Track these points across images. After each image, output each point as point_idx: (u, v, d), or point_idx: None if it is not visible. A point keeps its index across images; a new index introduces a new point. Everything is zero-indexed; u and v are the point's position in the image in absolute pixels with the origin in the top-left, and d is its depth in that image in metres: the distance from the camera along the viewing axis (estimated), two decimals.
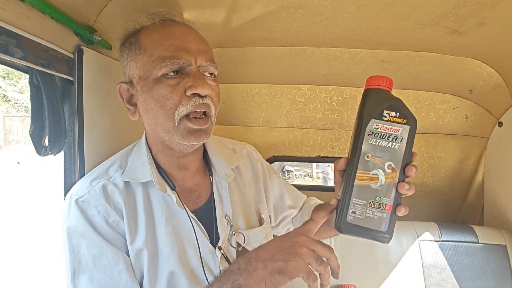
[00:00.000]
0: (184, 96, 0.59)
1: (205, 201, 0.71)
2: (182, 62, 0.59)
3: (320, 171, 7.27)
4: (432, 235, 1.08)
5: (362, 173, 0.51)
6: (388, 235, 0.50)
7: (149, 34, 0.62)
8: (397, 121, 0.51)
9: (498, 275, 1.03)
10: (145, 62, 0.61)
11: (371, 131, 0.51)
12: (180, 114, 0.60)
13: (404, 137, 0.51)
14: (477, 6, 0.73)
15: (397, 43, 0.97)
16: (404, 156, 0.51)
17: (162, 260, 0.62)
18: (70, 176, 0.73)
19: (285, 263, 0.50)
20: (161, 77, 0.60)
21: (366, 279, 1.06)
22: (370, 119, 0.51)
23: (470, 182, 1.37)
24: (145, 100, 0.62)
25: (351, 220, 0.51)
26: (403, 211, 0.50)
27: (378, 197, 0.50)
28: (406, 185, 0.50)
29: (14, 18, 0.53)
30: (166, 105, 0.59)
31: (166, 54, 0.59)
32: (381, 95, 0.53)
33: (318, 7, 0.78)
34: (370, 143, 0.51)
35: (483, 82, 1.11)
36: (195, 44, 0.62)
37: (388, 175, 0.50)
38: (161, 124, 0.61)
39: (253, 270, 0.51)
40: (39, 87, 0.65)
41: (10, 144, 10.36)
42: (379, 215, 0.50)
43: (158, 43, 0.60)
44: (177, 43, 0.60)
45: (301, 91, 1.33)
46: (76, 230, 0.59)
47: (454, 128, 1.31)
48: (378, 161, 0.51)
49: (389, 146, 0.51)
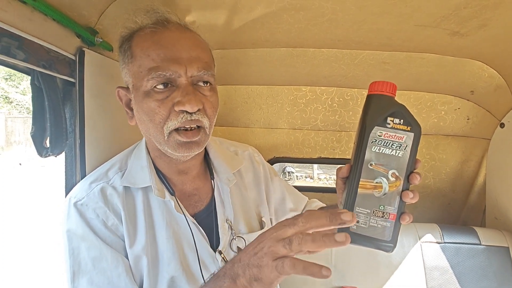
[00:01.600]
0: (172, 110, 0.57)
1: (206, 205, 0.71)
2: (169, 74, 0.56)
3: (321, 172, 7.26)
4: (434, 237, 1.07)
5: (366, 182, 0.49)
6: (392, 244, 0.49)
7: (139, 41, 0.59)
8: (401, 128, 0.49)
9: (500, 277, 1.02)
10: (135, 72, 0.59)
11: (375, 138, 0.50)
12: (169, 129, 0.58)
13: (408, 145, 0.49)
14: (479, 8, 0.73)
15: (398, 44, 0.96)
16: (408, 164, 0.49)
17: (163, 264, 0.62)
18: (71, 177, 0.73)
19: (258, 269, 0.45)
20: (150, 90, 0.57)
21: (367, 281, 1.06)
22: (373, 126, 0.50)
23: (471, 184, 1.36)
24: (137, 110, 0.61)
25: (355, 229, 0.49)
26: (407, 219, 0.49)
27: (381, 206, 0.49)
28: (410, 193, 0.49)
29: (16, 20, 0.54)
30: (155, 119, 0.58)
31: (152, 65, 0.56)
32: (385, 101, 0.51)
33: (319, 9, 0.78)
34: (373, 151, 0.49)
35: (485, 84, 1.11)
36: (186, 52, 0.58)
37: (392, 184, 0.49)
38: (153, 135, 0.61)
39: (236, 276, 0.47)
40: (41, 88, 0.65)
41: (12, 146, 10.40)
42: (383, 224, 0.49)
43: (146, 53, 0.57)
44: (164, 52, 0.57)
45: (302, 93, 1.33)
46: (76, 233, 0.59)
47: (455, 129, 1.30)
48: (382, 169, 0.49)
49: (393, 154, 0.49)
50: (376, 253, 1.08)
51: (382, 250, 0.50)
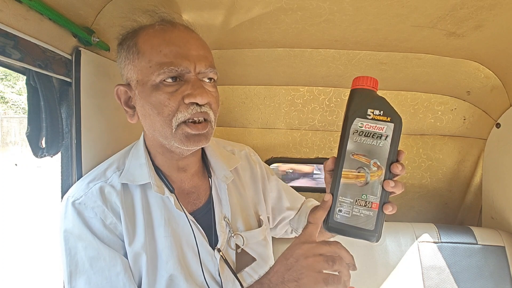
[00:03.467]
0: (182, 103, 0.59)
1: (204, 203, 0.71)
2: (180, 69, 0.59)
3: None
4: (431, 237, 1.08)
5: (348, 171, 0.51)
6: (376, 233, 0.50)
7: (148, 38, 0.61)
8: (381, 119, 0.51)
9: (496, 276, 1.03)
10: (143, 67, 0.60)
11: (356, 129, 0.52)
12: (178, 121, 0.59)
13: (388, 135, 0.51)
14: (475, 9, 0.73)
15: (395, 45, 0.97)
16: (389, 154, 0.51)
17: (161, 262, 0.62)
18: (68, 178, 0.73)
19: (297, 282, 0.49)
20: (159, 84, 0.59)
21: (364, 281, 1.06)
22: (354, 118, 0.52)
23: (468, 184, 1.37)
24: (143, 105, 0.61)
25: (338, 218, 0.51)
26: (390, 209, 0.50)
27: (364, 195, 0.51)
28: (392, 182, 0.50)
29: (11, 19, 0.53)
30: (164, 111, 0.59)
31: (164, 60, 0.58)
32: (366, 95, 0.53)
33: (316, 9, 0.79)
34: (355, 141, 0.51)
35: (481, 84, 1.12)
36: (195, 51, 0.61)
37: (374, 173, 0.51)
38: (159, 130, 0.61)
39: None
40: (36, 88, 0.65)
41: (8, 146, 10.31)
42: (366, 213, 0.50)
43: (157, 49, 0.59)
44: (176, 49, 0.59)
45: (299, 93, 1.33)
46: (73, 232, 0.59)
47: (452, 129, 1.31)
48: (364, 159, 0.51)
49: (374, 144, 0.51)
50: (373, 253, 1.09)
51: (366, 239, 0.51)
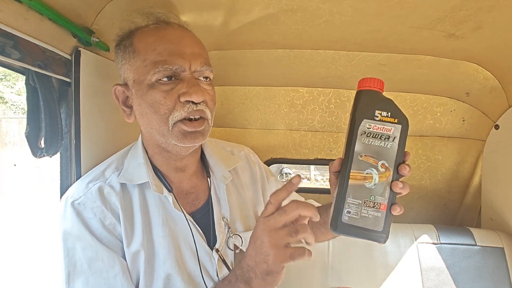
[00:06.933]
0: (178, 101, 0.59)
1: (203, 203, 0.71)
2: (175, 68, 0.58)
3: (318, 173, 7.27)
4: (430, 238, 1.08)
5: (356, 173, 0.51)
6: (384, 234, 0.50)
7: (143, 37, 0.61)
8: (389, 120, 0.51)
9: (495, 277, 1.03)
10: (138, 66, 0.60)
11: (364, 131, 0.52)
12: (174, 119, 0.59)
13: (396, 136, 0.51)
14: (474, 10, 0.74)
15: (395, 46, 0.97)
16: (397, 155, 0.51)
17: (158, 262, 0.62)
18: (67, 178, 0.72)
19: (266, 263, 0.50)
20: (155, 83, 0.59)
21: (363, 281, 1.06)
22: (362, 119, 0.52)
23: (467, 185, 1.37)
24: (139, 104, 0.62)
25: (346, 220, 0.51)
26: (398, 210, 0.50)
27: (372, 196, 0.51)
28: (400, 183, 0.50)
29: (11, 19, 0.53)
30: (160, 110, 0.59)
31: (159, 58, 0.58)
32: (373, 96, 0.53)
33: (316, 10, 0.79)
34: (363, 142, 0.51)
35: (480, 85, 1.12)
36: (190, 48, 0.61)
37: (382, 174, 0.51)
38: (156, 128, 0.61)
39: (249, 280, 0.53)
40: (36, 88, 0.64)
41: (7, 146, 10.28)
42: (374, 215, 0.50)
43: (151, 48, 0.59)
44: (170, 47, 0.59)
45: (299, 94, 1.33)
46: (72, 233, 0.59)
47: (451, 130, 1.31)
48: (372, 161, 0.51)
49: (382, 145, 0.51)
50: (372, 254, 1.09)
51: (374, 240, 0.51)
